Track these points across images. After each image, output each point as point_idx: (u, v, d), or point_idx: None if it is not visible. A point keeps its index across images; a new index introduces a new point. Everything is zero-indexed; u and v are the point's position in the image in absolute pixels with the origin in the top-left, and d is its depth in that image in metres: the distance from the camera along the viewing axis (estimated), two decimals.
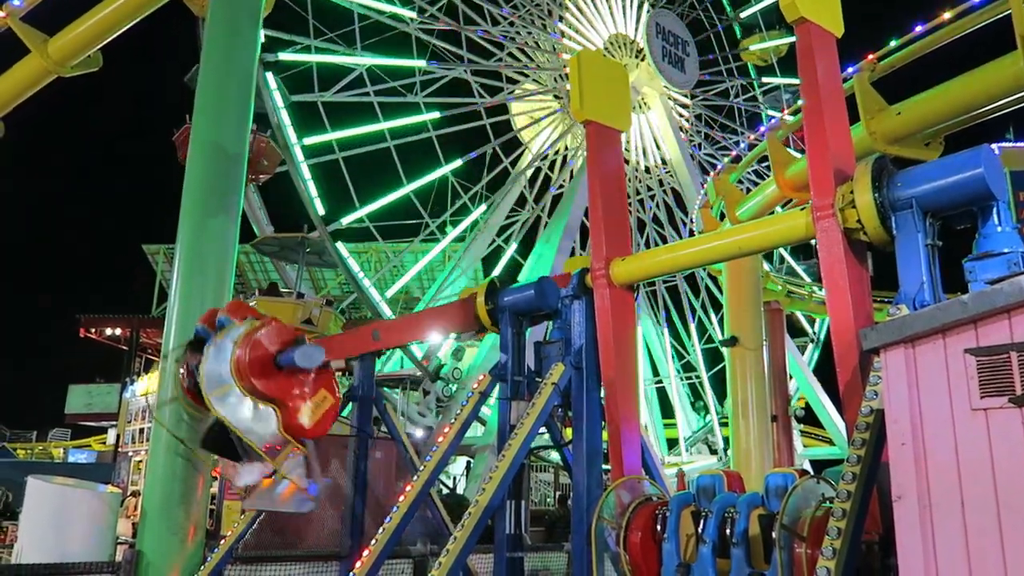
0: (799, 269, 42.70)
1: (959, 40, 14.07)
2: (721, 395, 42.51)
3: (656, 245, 39.91)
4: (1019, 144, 25.32)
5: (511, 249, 37.25)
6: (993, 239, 6.74)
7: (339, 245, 28.40)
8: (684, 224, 41.49)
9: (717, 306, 42.03)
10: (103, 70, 15.82)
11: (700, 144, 43.81)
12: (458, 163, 34.19)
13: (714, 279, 40.41)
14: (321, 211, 28.23)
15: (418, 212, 33.55)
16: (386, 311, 29.73)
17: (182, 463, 11.84)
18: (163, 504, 11.71)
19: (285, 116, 28.22)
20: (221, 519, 18.27)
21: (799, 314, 40.92)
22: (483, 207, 35.64)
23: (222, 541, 12.59)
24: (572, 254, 36.59)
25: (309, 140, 29.10)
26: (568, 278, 10.28)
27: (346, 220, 29.32)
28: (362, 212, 30.37)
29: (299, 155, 28.23)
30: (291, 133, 28.25)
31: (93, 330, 40.42)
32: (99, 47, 15.28)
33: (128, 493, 21.34)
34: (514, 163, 37.90)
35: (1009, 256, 6.56)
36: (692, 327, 43.19)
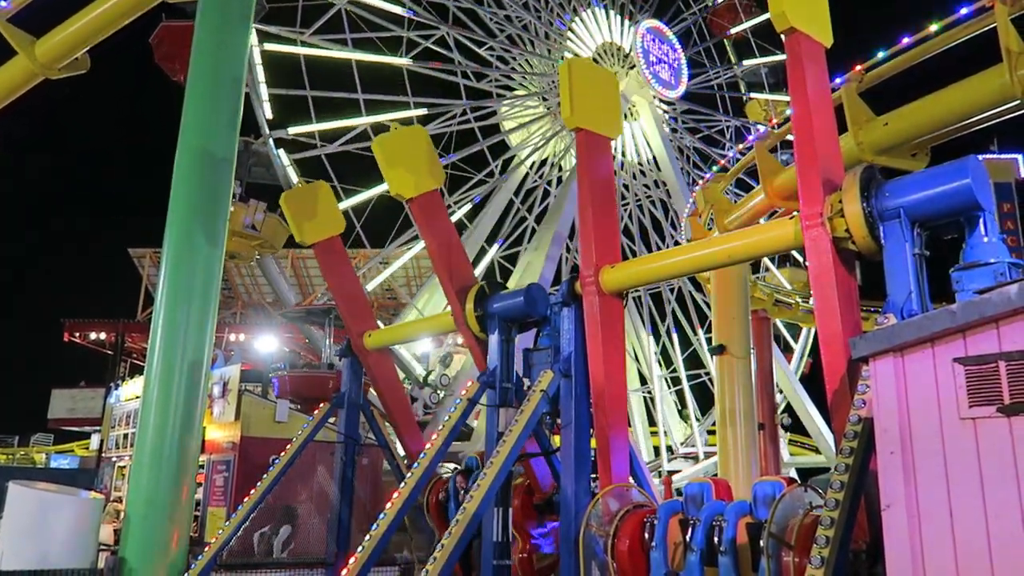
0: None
1: (946, 52, 14.20)
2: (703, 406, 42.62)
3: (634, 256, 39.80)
4: (1003, 156, 25.64)
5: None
6: (980, 249, 6.78)
7: (281, 152, 27.81)
8: (672, 235, 41.31)
9: (702, 317, 42.11)
10: (90, 69, 15.70)
11: (689, 156, 43.80)
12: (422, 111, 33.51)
13: (698, 286, 40.51)
14: (269, 115, 27.82)
15: (402, 210, 33.37)
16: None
17: (167, 469, 11.71)
18: (147, 510, 11.58)
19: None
20: (205, 526, 18.09)
21: (784, 332, 41.00)
22: (467, 207, 35.46)
23: (206, 548, 12.48)
24: (561, 262, 36.63)
25: (271, 46, 28.50)
26: None
27: (294, 130, 28.70)
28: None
29: (256, 57, 27.68)
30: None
31: (78, 334, 40.08)
32: (87, 49, 15.16)
33: (111, 499, 21.11)
34: (499, 162, 37.90)
35: (996, 266, 6.59)
36: (675, 337, 43.15)
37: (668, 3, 43.65)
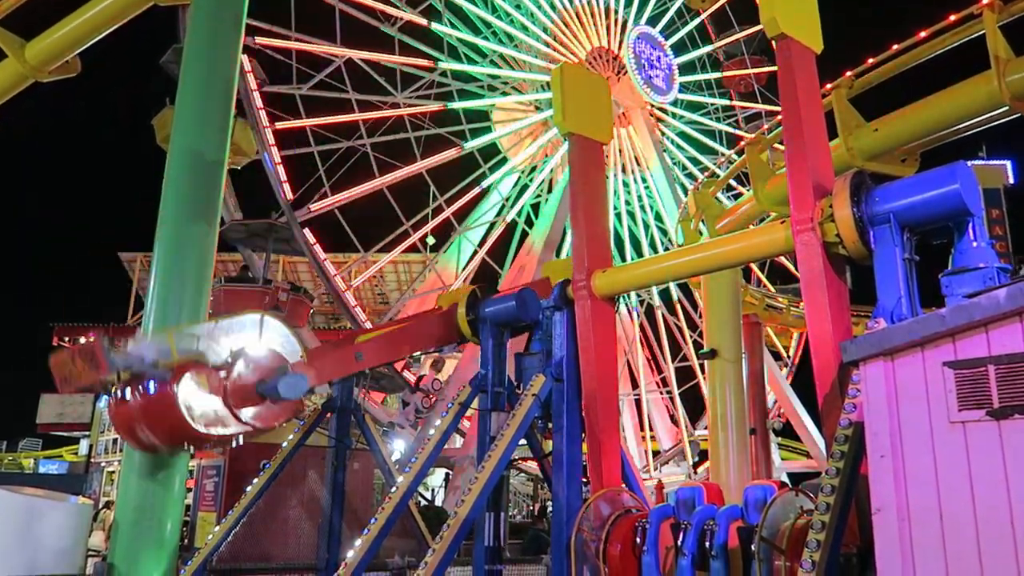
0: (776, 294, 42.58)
1: (935, 58, 14.30)
2: (692, 411, 42.66)
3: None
4: (992, 162, 25.83)
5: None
6: (969, 254, 6.82)
7: (306, 232, 28.07)
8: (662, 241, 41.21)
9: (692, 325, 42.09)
10: (82, 71, 15.66)
11: (676, 177, 43.79)
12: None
13: (689, 293, 40.58)
14: (289, 196, 28.07)
15: (395, 215, 33.14)
16: (361, 315, 29.58)
17: (156, 474, 11.65)
18: (136, 516, 11.51)
19: (257, 98, 28.11)
20: (195, 531, 17.99)
21: (774, 338, 41.02)
22: (456, 206, 35.11)
23: (196, 554, 12.41)
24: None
25: (281, 125, 28.89)
26: (546, 285, 10.33)
27: (315, 207, 28.91)
28: (332, 201, 29.98)
29: (270, 138, 28.04)
30: (263, 116, 28.06)
31: (67, 339, 39.81)
32: (77, 52, 15.13)
33: (101, 505, 20.97)
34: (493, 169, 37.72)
35: (984, 271, 6.63)
36: (665, 343, 43.10)
37: (673, 33, 43.80)
